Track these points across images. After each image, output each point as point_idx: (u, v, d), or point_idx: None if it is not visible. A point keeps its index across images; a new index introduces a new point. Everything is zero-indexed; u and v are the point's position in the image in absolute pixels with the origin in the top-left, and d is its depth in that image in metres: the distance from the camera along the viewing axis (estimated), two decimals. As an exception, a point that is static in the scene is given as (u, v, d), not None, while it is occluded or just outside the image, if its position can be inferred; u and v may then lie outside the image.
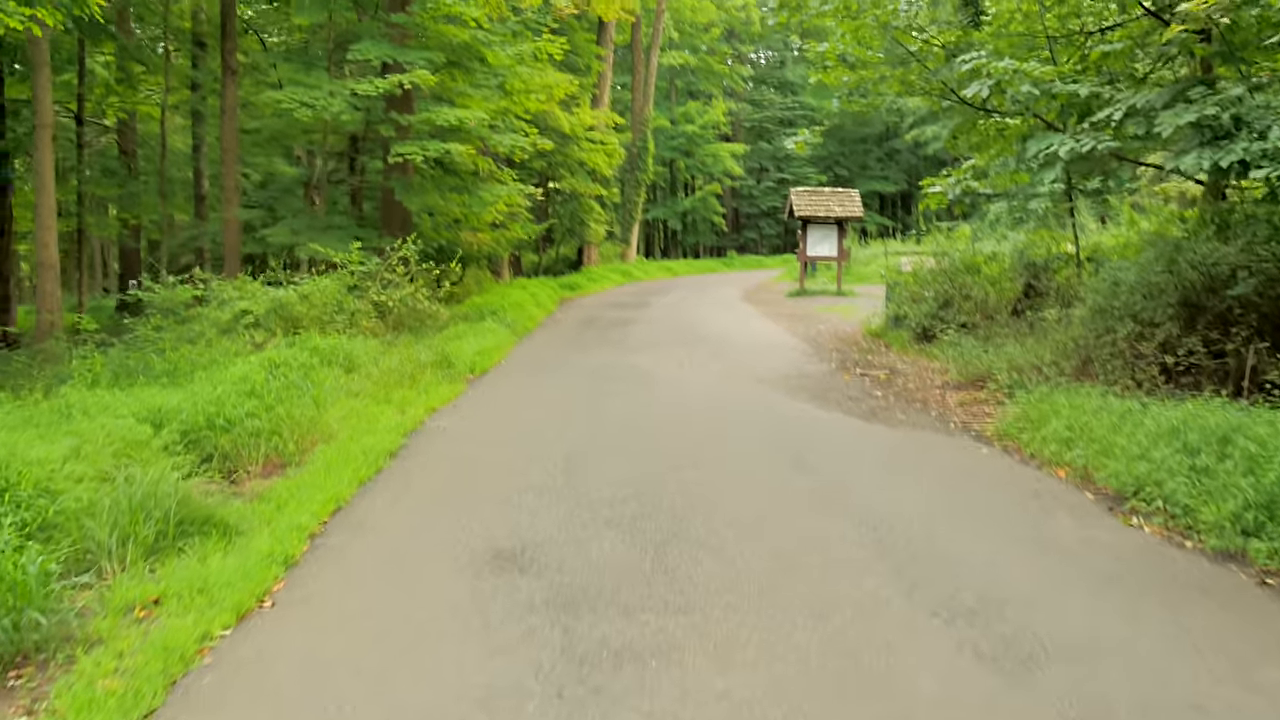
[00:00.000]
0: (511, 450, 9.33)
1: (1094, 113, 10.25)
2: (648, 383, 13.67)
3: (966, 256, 18.89)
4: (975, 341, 14.73)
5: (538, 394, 12.85)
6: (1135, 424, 8.03)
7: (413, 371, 12.59)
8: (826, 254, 31.27)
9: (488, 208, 19.79)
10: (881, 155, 68.60)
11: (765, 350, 17.42)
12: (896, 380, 13.75)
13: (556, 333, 20.62)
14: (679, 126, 56.97)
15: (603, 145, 37.12)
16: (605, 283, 37.48)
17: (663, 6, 47.76)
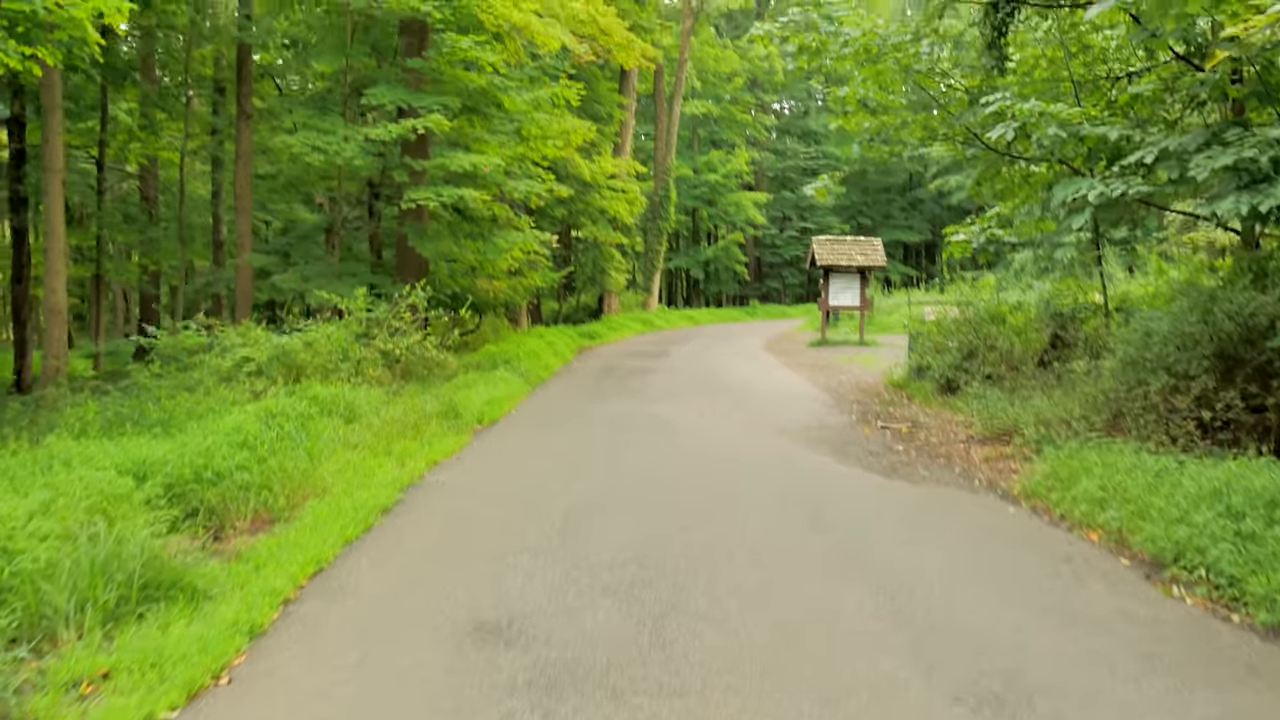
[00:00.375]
0: (511, 507, 8.88)
1: (1123, 156, 9.83)
2: (665, 433, 13.22)
3: (991, 306, 18.43)
4: (1000, 394, 14.24)
5: (545, 446, 12.41)
6: (1173, 484, 7.52)
7: (417, 422, 12.18)
8: (849, 303, 30.84)
9: (503, 255, 19.47)
10: (905, 205, 68.28)
11: (786, 401, 16.96)
12: (919, 434, 13.26)
13: (571, 382, 20.21)
14: (702, 175, 56.83)
15: (624, 193, 36.91)
16: (625, 331, 37.11)
17: (685, 56, 47.73)
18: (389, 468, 10.18)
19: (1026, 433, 11.22)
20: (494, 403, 14.96)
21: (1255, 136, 8.25)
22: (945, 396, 16.27)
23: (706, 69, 56.00)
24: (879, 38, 12.67)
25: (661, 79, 47.97)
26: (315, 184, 23.09)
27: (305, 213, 27.17)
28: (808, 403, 16.73)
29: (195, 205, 32.36)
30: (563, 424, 14.14)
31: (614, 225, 37.88)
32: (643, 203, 39.53)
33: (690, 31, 47.61)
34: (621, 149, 42.41)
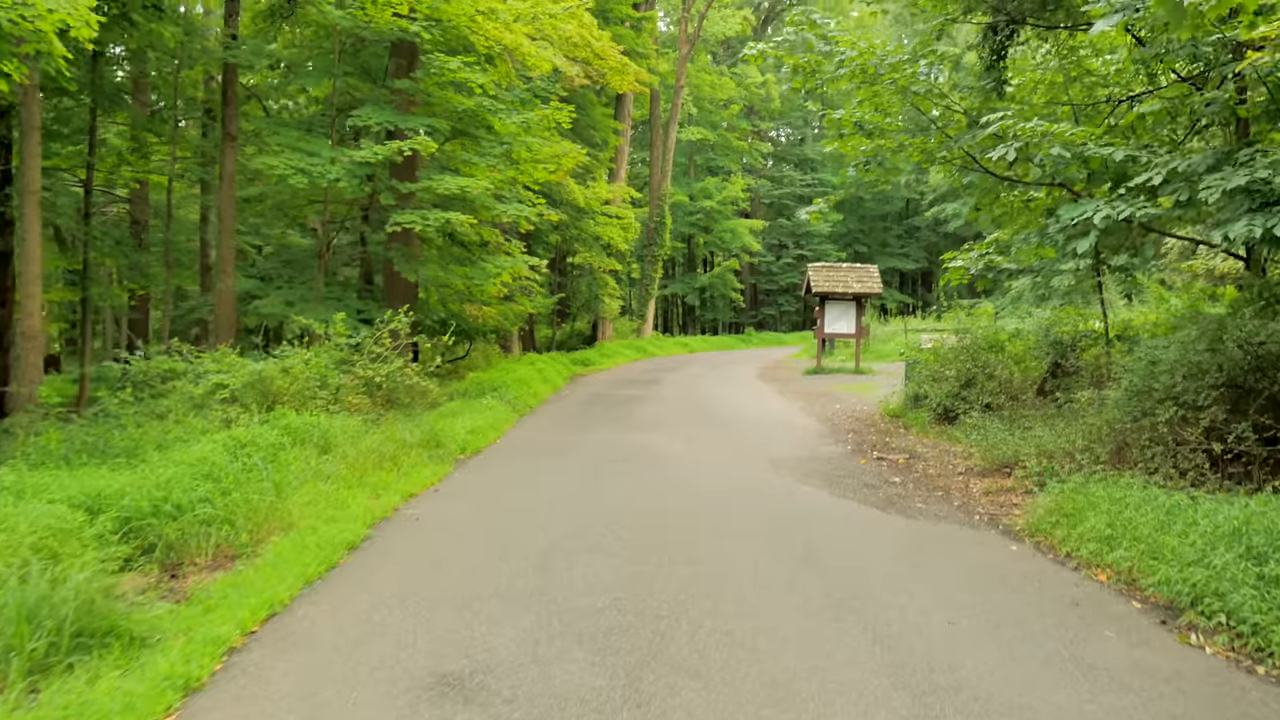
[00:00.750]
0: (486, 544, 8.42)
1: (1129, 179, 9.44)
2: (651, 464, 12.78)
3: (989, 334, 18.04)
4: (1000, 424, 13.83)
5: (528, 477, 11.94)
6: (1186, 522, 7.08)
7: (395, 452, 11.72)
8: (844, 331, 30.44)
9: (492, 280, 19.04)
10: (901, 232, 68.08)
11: (779, 430, 16.52)
12: (916, 465, 12.82)
13: (562, 410, 19.76)
14: (697, 202, 56.55)
15: (618, 219, 36.60)
16: (619, 359, 36.69)
17: (682, 82, 47.55)
18: (362, 500, 9.72)
19: (1028, 465, 10.79)
20: (478, 432, 14.51)
21: (1268, 157, 7.86)
22: (943, 426, 15.87)
23: (703, 95, 55.85)
24: (876, 57, 12.29)
25: (658, 105, 47.78)
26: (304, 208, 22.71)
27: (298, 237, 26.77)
28: (801, 432, 16.29)
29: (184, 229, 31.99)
30: (548, 454, 13.69)
31: (608, 251, 37.55)
32: (637, 229, 39.21)
33: (687, 58, 47.45)
34: (616, 174, 42.14)
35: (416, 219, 16.89)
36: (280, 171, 16.36)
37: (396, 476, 11.02)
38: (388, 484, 10.60)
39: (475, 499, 10.56)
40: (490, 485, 11.43)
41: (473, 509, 9.99)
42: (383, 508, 9.58)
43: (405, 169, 18.62)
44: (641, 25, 39.62)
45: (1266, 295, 9.78)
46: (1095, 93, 15.25)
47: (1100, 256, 16.02)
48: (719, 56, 63.32)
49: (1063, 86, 15.04)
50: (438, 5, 17.50)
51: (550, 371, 25.69)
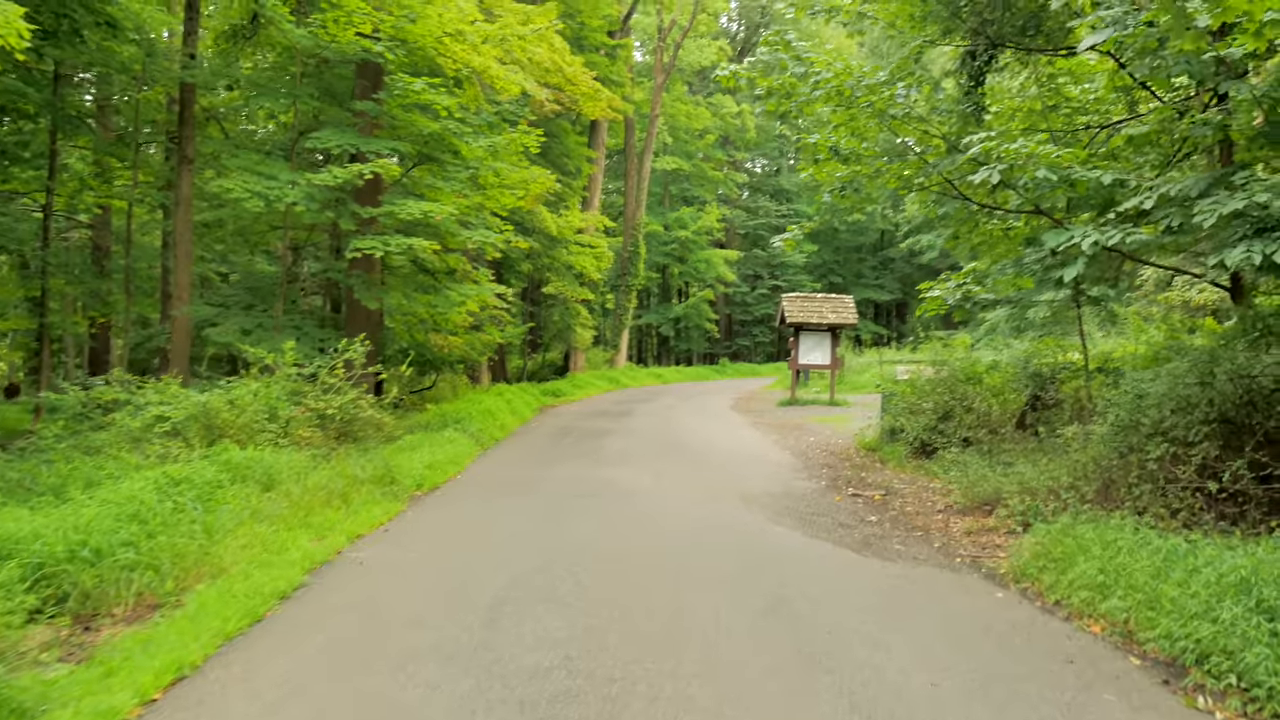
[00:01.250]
0: (432, 592, 7.80)
1: (1116, 204, 8.99)
2: (617, 502, 12.18)
3: (966, 365, 17.57)
4: (979, 458, 13.33)
5: (486, 515, 11.33)
6: (1186, 569, 6.53)
7: (344, 489, 11.08)
8: (819, 362, 29.96)
9: (456, 309, 18.42)
10: (876, 263, 67.88)
11: (751, 464, 15.96)
12: (893, 502, 12.28)
13: (528, 443, 19.15)
14: (672, 232, 56.13)
15: (592, 248, 36.13)
16: (591, 390, 36.08)
17: (657, 111, 47.22)
18: (303, 543, 9.08)
19: (1011, 503, 10.26)
20: (436, 467, 13.89)
21: (1266, 179, 7.39)
22: (920, 460, 15.37)
23: (678, 125, 55.56)
24: (852, 79, 11.82)
25: (632, 134, 47.44)
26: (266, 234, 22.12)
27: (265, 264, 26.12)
28: (774, 467, 15.73)
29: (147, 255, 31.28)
30: (509, 490, 13.07)
31: (581, 281, 37.05)
32: (610, 258, 38.75)
33: (662, 87, 47.15)
34: (590, 203, 41.71)
35: (377, 244, 16.30)
36: (235, 195, 15.75)
37: (344, 515, 10.40)
38: (334, 524, 9.97)
39: (426, 540, 9.94)
40: (444, 525, 10.80)
41: (423, 551, 9.36)
42: (325, 551, 8.96)
43: (368, 193, 18.05)
44: (616, 53, 39.30)
45: (1260, 326, 9.30)
46: (1074, 120, 14.86)
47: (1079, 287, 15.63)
48: (695, 86, 63.09)
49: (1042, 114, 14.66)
50: (403, 26, 17.00)
51: (519, 403, 25.08)
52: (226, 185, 15.87)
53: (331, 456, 12.45)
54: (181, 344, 18.75)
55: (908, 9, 12.66)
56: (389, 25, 16.79)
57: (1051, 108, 14.73)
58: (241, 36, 21.07)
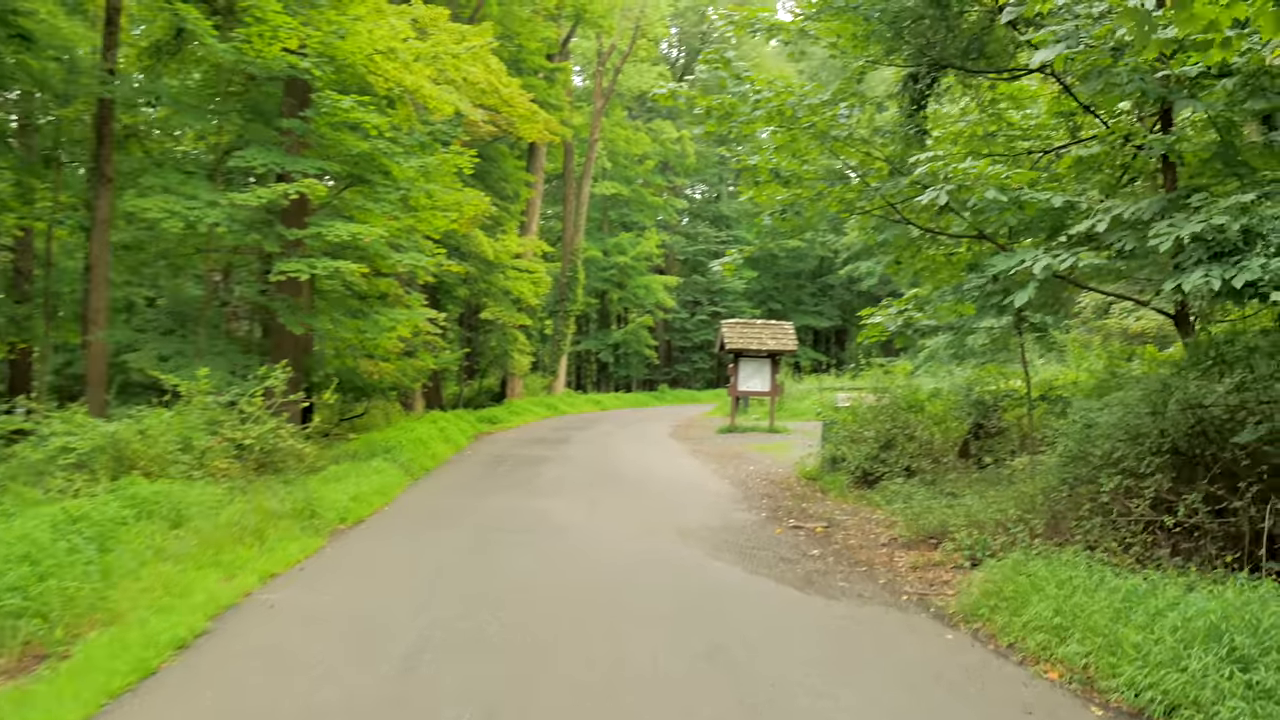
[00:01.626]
0: (348, 636, 7.26)
1: (1066, 227, 8.71)
2: (550, 535, 11.68)
3: (908, 393, 17.30)
4: (923, 489, 13.03)
5: (411, 551, 10.76)
6: (1149, 612, 6.17)
7: (259, 524, 10.46)
8: (759, 389, 29.63)
9: (386, 334, 17.80)
10: (815, 290, 67.95)
11: (690, 495, 15.52)
12: (836, 534, 11.88)
13: (461, 472, 18.56)
14: (611, 257, 55.71)
15: (529, 273, 35.58)
16: (528, 416, 35.48)
17: (596, 136, 46.91)
18: (210, 584, 8.47)
19: (958, 537, 9.91)
20: (362, 499, 13.29)
21: (1224, 201, 7.10)
22: (862, 490, 15.04)
23: (618, 150, 55.27)
24: (794, 98, 11.48)
25: (571, 158, 47.06)
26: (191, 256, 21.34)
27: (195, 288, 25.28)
28: (713, 497, 15.31)
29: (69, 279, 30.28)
30: (437, 523, 12.51)
31: (519, 306, 36.50)
32: (548, 283, 38.22)
33: (601, 111, 46.87)
34: (528, 228, 41.22)
35: (303, 267, 15.70)
36: (153, 215, 15.09)
37: (259, 553, 9.79)
38: (246, 562, 9.36)
39: (344, 579, 9.36)
40: (366, 561, 10.23)
41: (339, 592, 8.79)
42: (233, 592, 8.36)
43: (295, 215, 17.44)
44: (555, 77, 38.95)
45: (1212, 354, 9.04)
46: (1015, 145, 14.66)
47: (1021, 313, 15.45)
48: (634, 111, 62.91)
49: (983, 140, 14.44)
50: (331, 42, 16.45)
51: (453, 430, 24.44)
52: (143, 204, 15.20)
53: (249, 489, 11.81)
54: (98, 370, 17.97)
55: (850, 28, 12.37)
56: (316, 41, 16.24)
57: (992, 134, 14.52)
58: (165, 53, 20.40)
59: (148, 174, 16.97)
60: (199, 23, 15.73)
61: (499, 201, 36.19)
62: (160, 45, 20.55)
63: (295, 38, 15.97)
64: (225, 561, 9.26)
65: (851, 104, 11.73)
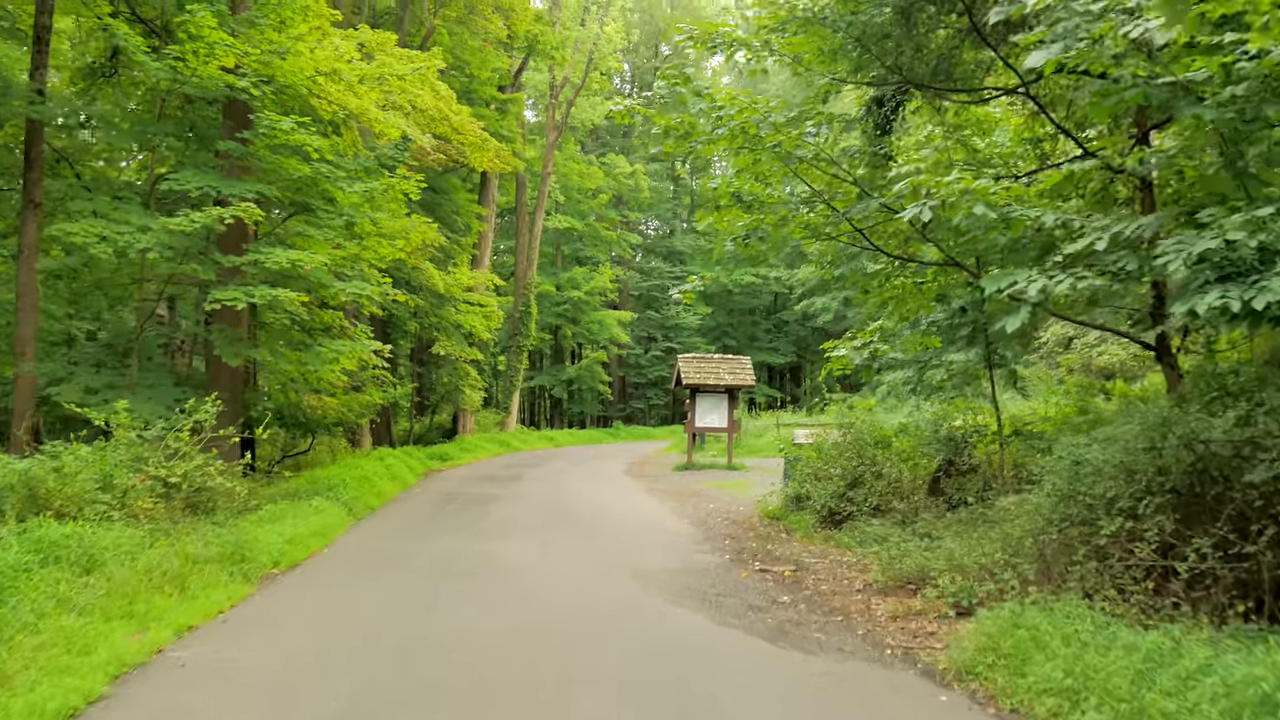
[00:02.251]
0: (263, 701, 6.40)
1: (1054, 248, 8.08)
2: (498, 580, 10.86)
3: (874, 429, 16.64)
4: (896, 529, 12.34)
5: (347, 599, 9.90)
6: (1179, 676, 5.45)
7: (181, 571, 9.55)
8: (716, 425, 28.90)
9: (328, 366, 16.89)
10: (770, 326, 67.60)
11: (647, 535, 14.75)
12: (806, 579, 11.14)
13: (407, 511, 17.65)
14: (565, 292, 54.99)
15: (481, 307, 34.76)
16: (480, 453, 34.55)
17: (549, 169, 46.27)
18: (118, 639, 7.56)
19: (940, 583, 9.20)
20: (298, 541, 12.40)
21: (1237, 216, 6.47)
22: (829, 530, 14.35)
23: (571, 184, 54.68)
24: (759, 114, 10.82)
25: (524, 192, 46.37)
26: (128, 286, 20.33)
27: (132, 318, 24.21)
28: (673, 537, 14.54)
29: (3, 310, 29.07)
30: (378, 567, 11.64)
31: (470, 341, 35.65)
32: (500, 317, 37.40)
33: (554, 145, 46.26)
34: (480, 261, 40.44)
35: (239, 295, 14.82)
36: (78, 240, 14.19)
37: (178, 602, 8.89)
38: (162, 613, 8.46)
39: (269, 632, 8.48)
40: (294, 612, 9.33)
41: (263, 645, 7.91)
42: (143, 648, 7.47)
43: (233, 241, 16.58)
44: (507, 108, 38.30)
45: (1216, 385, 8.42)
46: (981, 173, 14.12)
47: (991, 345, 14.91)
48: (588, 146, 62.49)
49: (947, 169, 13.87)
50: (271, 61, 15.65)
51: (400, 468, 23.50)
52: (70, 229, 14.28)
53: (175, 531, 10.88)
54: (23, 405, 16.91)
55: (817, 42, 11.77)
56: (254, 60, 15.44)
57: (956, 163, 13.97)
58: (101, 75, 19.51)
59: (78, 198, 16.05)
60: (130, 38, 14.90)
61: (450, 234, 35.42)
62: (95, 67, 19.68)
63: (232, 55, 15.18)
64: (139, 613, 8.36)
65: (818, 122, 11.08)
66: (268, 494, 15.74)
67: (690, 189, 71.09)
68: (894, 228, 12.97)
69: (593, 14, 47.63)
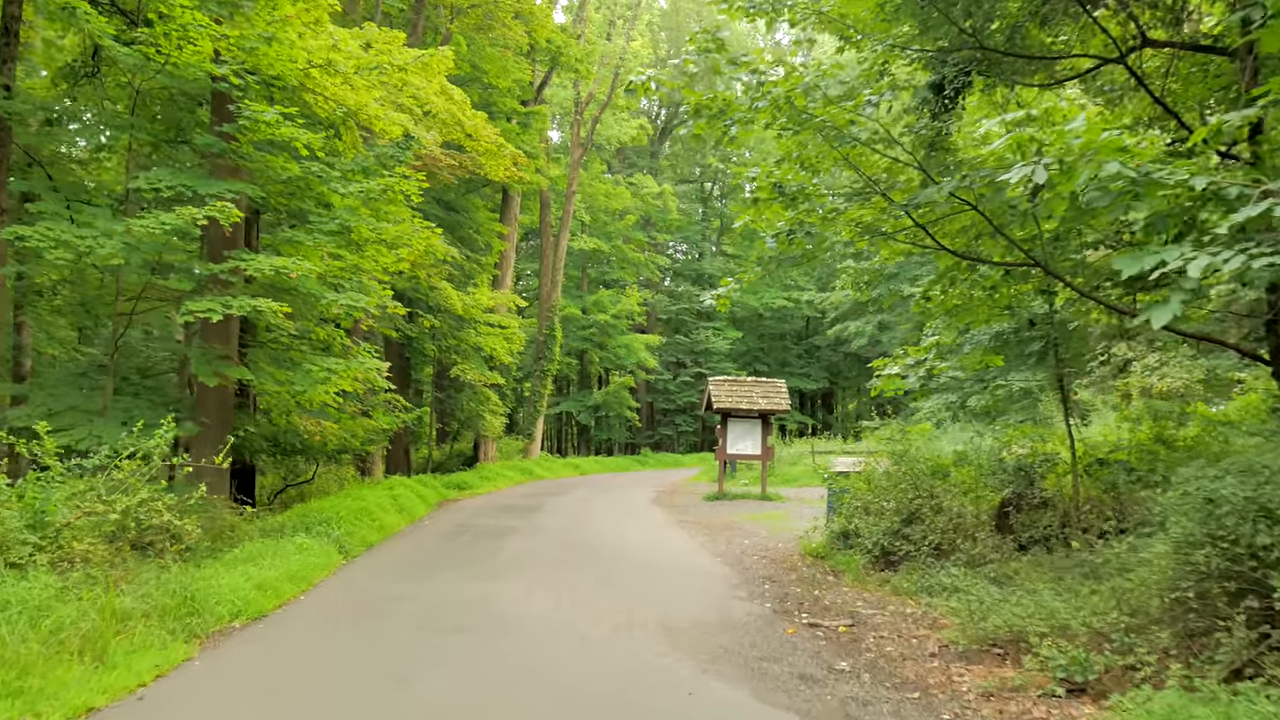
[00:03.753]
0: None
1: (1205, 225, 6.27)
2: (495, 636, 9.06)
3: (932, 458, 14.77)
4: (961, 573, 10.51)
5: (304, 665, 8.11)
6: None
7: (102, 631, 7.78)
8: (749, 452, 26.98)
9: (317, 387, 15.10)
10: (801, 352, 65.65)
11: (676, 578, 12.92)
12: (865, 636, 9.28)
13: (410, 548, 15.87)
14: (590, 315, 53.21)
15: (502, 329, 33.14)
16: (501, 481, 32.72)
17: (574, 188, 44.56)
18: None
19: (1041, 651, 7.33)
20: (269, 587, 10.62)
21: None
22: (884, 572, 12.53)
23: (597, 204, 53.04)
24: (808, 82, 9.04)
25: (548, 211, 44.69)
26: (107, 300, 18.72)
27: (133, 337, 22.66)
28: (705, 579, 12.72)
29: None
30: (356, 620, 9.85)
31: (490, 364, 33.99)
32: (522, 339, 35.75)
33: (579, 163, 44.58)
34: (501, 282, 38.78)
35: (215, 306, 13.12)
36: (33, 244, 12.54)
37: (89, 673, 7.12)
38: (61, 689, 6.69)
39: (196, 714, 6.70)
40: (234, 684, 7.52)
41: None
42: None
43: (217, 248, 14.96)
44: (529, 122, 36.68)
45: None
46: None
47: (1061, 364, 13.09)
48: (614, 167, 60.89)
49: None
50: (256, 47, 13.98)
51: (410, 498, 21.71)
52: (22, 233, 12.64)
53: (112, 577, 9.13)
54: (-18, 429, 15.29)
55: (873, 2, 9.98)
56: (234, 44, 13.78)
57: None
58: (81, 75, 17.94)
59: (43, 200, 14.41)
60: (93, 19, 13.28)
61: (470, 253, 33.82)
62: (76, 67, 18.14)
63: (208, 38, 13.54)
64: (30, 690, 6.59)
65: (879, 90, 9.26)
66: (249, 530, 14.00)
67: (719, 211, 69.38)
68: (960, 224, 11.20)
69: (619, 28, 46.11)
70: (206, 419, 15.51)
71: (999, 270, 11.67)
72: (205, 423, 15.41)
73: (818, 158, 10.68)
